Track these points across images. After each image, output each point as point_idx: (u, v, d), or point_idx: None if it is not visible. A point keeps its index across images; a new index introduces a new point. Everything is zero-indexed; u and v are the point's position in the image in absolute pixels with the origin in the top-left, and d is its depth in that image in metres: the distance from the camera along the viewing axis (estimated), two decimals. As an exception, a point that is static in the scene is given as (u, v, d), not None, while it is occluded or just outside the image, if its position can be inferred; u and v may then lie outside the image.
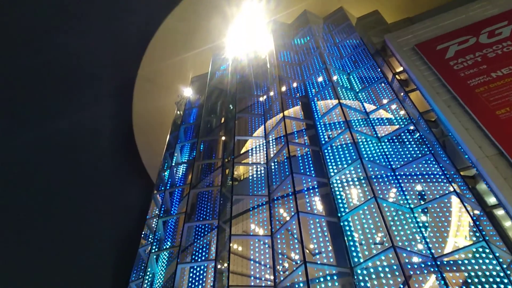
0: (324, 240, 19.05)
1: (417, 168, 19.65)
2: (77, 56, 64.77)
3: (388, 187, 19.60)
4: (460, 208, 17.65)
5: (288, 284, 17.04)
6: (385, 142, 21.73)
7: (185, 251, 22.56)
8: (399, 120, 23.13)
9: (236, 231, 21.49)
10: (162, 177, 33.62)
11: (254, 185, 23.54)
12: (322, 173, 21.34)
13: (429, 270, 15.37)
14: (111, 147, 65.92)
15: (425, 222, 18.94)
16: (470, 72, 22.75)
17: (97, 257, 61.81)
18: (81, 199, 65.22)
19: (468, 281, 15.65)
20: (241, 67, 37.04)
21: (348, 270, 16.30)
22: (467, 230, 17.67)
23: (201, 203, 25.39)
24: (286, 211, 21.44)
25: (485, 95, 20.94)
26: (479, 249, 15.32)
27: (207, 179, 27.48)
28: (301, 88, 29.19)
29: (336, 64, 30.51)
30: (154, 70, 45.16)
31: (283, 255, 21.63)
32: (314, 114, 25.48)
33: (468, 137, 19.17)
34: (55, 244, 59.60)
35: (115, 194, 67.27)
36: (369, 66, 28.34)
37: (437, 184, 18.54)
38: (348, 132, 21.74)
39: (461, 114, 20.50)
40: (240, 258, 21.83)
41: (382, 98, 25.40)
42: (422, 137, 20.79)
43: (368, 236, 18.50)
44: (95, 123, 66.13)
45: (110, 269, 60.04)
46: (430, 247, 15.90)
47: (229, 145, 28.21)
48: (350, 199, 19.84)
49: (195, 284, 20.27)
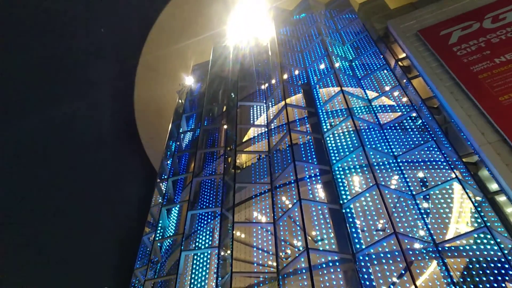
0: (326, 227, 19.19)
1: (419, 155, 19.66)
2: (78, 43, 64.53)
3: (390, 174, 19.64)
4: (462, 194, 17.70)
5: (290, 271, 17.23)
6: (387, 129, 21.70)
7: (188, 239, 22.78)
8: (402, 107, 23.05)
9: (239, 218, 21.68)
10: (165, 165, 33.76)
11: (256, 173, 23.64)
12: (324, 160, 21.37)
13: (431, 256, 15.50)
14: (113, 136, 66.09)
15: (426, 209, 19.04)
16: (474, 58, 22.55)
17: (101, 245, 62.46)
18: (83, 187, 65.64)
19: (469, 267, 15.81)
20: (243, 55, 36.82)
21: (350, 257, 16.46)
22: (469, 216, 17.74)
23: (204, 192, 25.54)
24: (289, 199, 21.56)
25: (488, 81, 20.79)
26: (481, 235, 15.43)
27: (209, 167, 27.59)
28: (303, 76, 29.05)
29: (338, 51, 30.28)
30: (155, 58, 44.99)
31: (286, 242, 21.81)
32: (316, 101, 25.40)
33: (471, 123, 19.11)
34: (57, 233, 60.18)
35: (117, 182, 67.67)
36: (371, 52, 28.13)
37: (439, 171, 18.56)
38: (350, 120, 21.70)
39: (464, 101, 20.40)
40: (243, 245, 22.03)
41: (385, 85, 25.27)
42: (424, 124, 20.74)
43: (370, 223, 18.63)
44: (97, 112, 66.20)
45: (114, 257, 60.70)
46: (431, 233, 16.00)
47: (231, 133, 28.24)
48: (352, 186, 19.92)
49: (198, 271, 20.52)
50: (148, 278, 24.10)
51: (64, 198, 63.47)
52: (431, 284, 16.34)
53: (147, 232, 29.34)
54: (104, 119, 66.80)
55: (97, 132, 67.50)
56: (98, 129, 67.62)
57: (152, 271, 25.09)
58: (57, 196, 63.12)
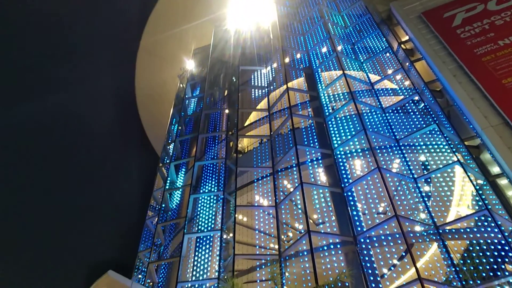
0: (327, 210, 19.33)
1: (421, 138, 19.64)
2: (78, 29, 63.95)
3: (392, 158, 19.66)
4: (463, 178, 17.73)
5: (292, 253, 17.44)
6: (389, 113, 21.63)
7: (191, 222, 23.00)
8: (404, 91, 22.92)
9: (241, 202, 21.83)
10: (167, 150, 33.85)
11: (258, 157, 23.70)
12: (326, 144, 21.39)
13: (431, 238, 15.63)
14: (114, 120, 66.04)
15: (428, 192, 19.12)
16: (477, 40, 22.31)
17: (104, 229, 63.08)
18: (84, 173, 65.93)
19: (469, 249, 15.96)
20: (244, 39, 36.47)
21: (351, 239, 16.63)
22: (470, 199, 17.83)
23: (206, 176, 25.66)
24: (290, 183, 21.65)
25: (492, 63, 20.61)
26: (481, 218, 15.53)
27: (211, 152, 27.65)
28: (305, 59, 28.82)
29: (340, 34, 29.97)
30: (156, 42, 44.65)
31: (288, 225, 22.00)
32: (318, 85, 25.27)
33: (474, 106, 19.04)
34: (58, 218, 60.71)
35: (119, 167, 67.93)
36: (374, 35, 27.83)
37: (441, 154, 18.57)
38: (352, 103, 21.62)
39: (467, 84, 20.27)
40: (245, 228, 22.24)
41: (387, 68, 25.08)
42: (426, 107, 20.65)
43: (371, 206, 18.75)
44: (98, 97, 66.01)
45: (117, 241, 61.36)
46: (432, 216, 16.10)
47: (233, 117, 28.19)
48: (353, 169, 19.97)
49: (201, 253, 20.79)
50: (152, 260, 24.44)
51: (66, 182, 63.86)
52: (431, 266, 16.53)
53: (150, 216, 29.63)
54: (105, 104, 66.65)
55: (98, 118, 67.46)
56: (99, 114, 67.56)
57: (156, 254, 25.42)
58: (58, 181, 63.50)
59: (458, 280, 13.88)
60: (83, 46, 65.64)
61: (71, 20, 62.49)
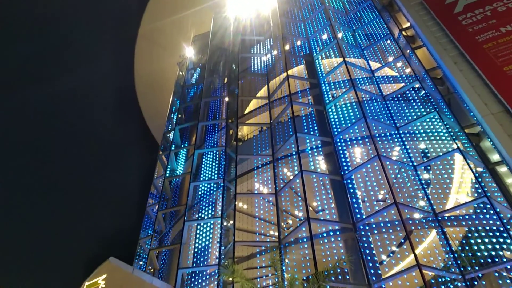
0: (327, 197, 19.42)
1: (421, 126, 19.62)
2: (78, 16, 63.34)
3: (392, 146, 19.67)
4: (463, 165, 17.77)
5: (292, 240, 17.57)
6: (390, 101, 21.57)
7: (191, 210, 23.12)
8: (405, 78, 22.81)
9: (241, 190, 21.91)
10: (167, 138, 33.85)
11: (258, 145, 23.71)
12: (326, 132, 21.38)
13: (430, 225, 15.74)
14: (114, 108, 65.90)
15: (427, 180, 19.18)
16: (479, 27, 22.08)
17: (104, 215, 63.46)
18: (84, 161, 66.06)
19: (468, 236, 16.08)
20: (243, 26, 36.14)
21: (351, 226, 16.74)
22: (469, 187, 17.89)
23: (206, 164, 25.71)
24: (290, 170, 21.71)
25: (493, 50, 20.44)
26: (480, 205, 15.60)
27: (211, 139, 27.65)
28: (305, 46, 28.61)
29: (341, 21, 29.70)
30: (155, 29, 44.22)
31: (287, 212, 22.13)
32: (318, 72, 25.15)
33: (474, 94, 18.94)
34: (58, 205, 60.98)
35: (120, 155, 68.00)
36: (375, 22, 27.58)
37: (441, 142, 18.57)
38: (352, 91, 21.54)
39: (468, 71, 20.14)
40: (245, 215, 22.38)
41: (388, 55, 24.92)
42: (427, 95, 20.59)
43: (371, 193, 18.82)
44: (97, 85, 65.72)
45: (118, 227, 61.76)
46: (431, 203, 16.18)
47: (233, 105, 28.11)
48: (353, 157, 20.00)
49: (202, 240, 20.95)
50: (152, 247, 24.65)
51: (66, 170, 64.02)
52: (430, 253, 16.68)
53: (150, 204, 29.78)
54: (104, 92, 66.43)
55: (98, 105, 67.30)
56: (99, 102, 67.38)
57: (156, 241, 25.62)
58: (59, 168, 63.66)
59: (457, 267, 14.02)
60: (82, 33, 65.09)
61: (70, 8, 61.83)
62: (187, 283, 19.59)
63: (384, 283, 14.69)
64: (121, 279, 18.65)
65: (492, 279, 14.70)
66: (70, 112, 66.01)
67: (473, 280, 13.99)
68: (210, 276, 19.04)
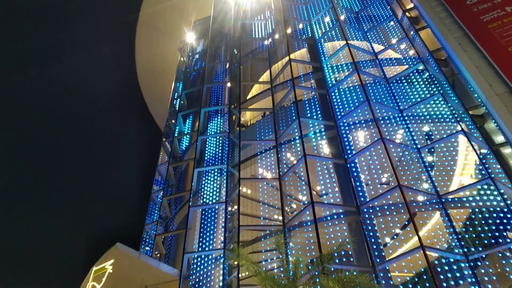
0: (331, 181, 19.47)
1: (425, 108, 19.48)
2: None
3: (396, 128, 19.60)
4: (467, 147, 17.72)
5: (296, 223, 17.71)
6: (393, 83, 21.39)
7: (196, 195, 23.27)
8: (408, 60, 22.58)
9: (244, 175, 22.00)
10: (170, 124, 33.85)
11: (261, 130, 23.68)
12: (329, 116, 21.29)
13: (434, 207, 15.78)
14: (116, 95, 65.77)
15: (431, 162, 19.15)
16: (484, 6, 21.70)
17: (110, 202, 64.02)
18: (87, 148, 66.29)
19: (472, 217, 16.14)
20: (244, 10, 35.70)
21: (355, 209, 16.81)
22: (473, 168, 17.87)
23: (209, 149, 25.75)
24: (293, 155, 21.73)
25: (498, 30, 20.13)
26: (484, 187, 15.59)
27: (214, 125, 27.62)
28: (307, 30, 28.28)
29: (343, 3, 29.26)
30: (155, 13, 43.71)
31: (291, 196, 22.24)
32: (321, 56, 24.91)
33: (479, 75, 18.75)
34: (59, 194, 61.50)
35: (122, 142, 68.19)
36: (378, 3, 27.16)
37: (445, 124, 18.46)
38: (355, 74, 21.36)
39: (473, 52, 19.88)
40: (249, 200, 22.52)
41: (391, 37, 24.61)
42: (431, 77, 20.38)
43: (375, 176, 18.87)
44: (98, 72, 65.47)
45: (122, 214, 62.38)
46: (435, 186, 16.19)
47: (235, 91, 27.99)
48: (357, 141, 19.96)
49: (207, 225, 21.14)
50: (158, 233, 24.92)
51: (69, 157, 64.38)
52: (433, 234, 16.79)
53: (155, 190, 29.98)
54: (105, 78, 66.20)
55: (100, 93, 67.17)
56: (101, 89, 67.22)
57: (162, 227, 25.88)
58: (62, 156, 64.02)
59: (460, 248, 14.11)
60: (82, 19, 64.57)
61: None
62: (193, 267, 19.85)
63: (388, 264, 14.82)
64: (128, 264, 18.94)
65: (496, 260, 14.78)
66: (73, 99, 65.94)
67: (476, 261, 14.09)
68: (216, 260, 19.28)
